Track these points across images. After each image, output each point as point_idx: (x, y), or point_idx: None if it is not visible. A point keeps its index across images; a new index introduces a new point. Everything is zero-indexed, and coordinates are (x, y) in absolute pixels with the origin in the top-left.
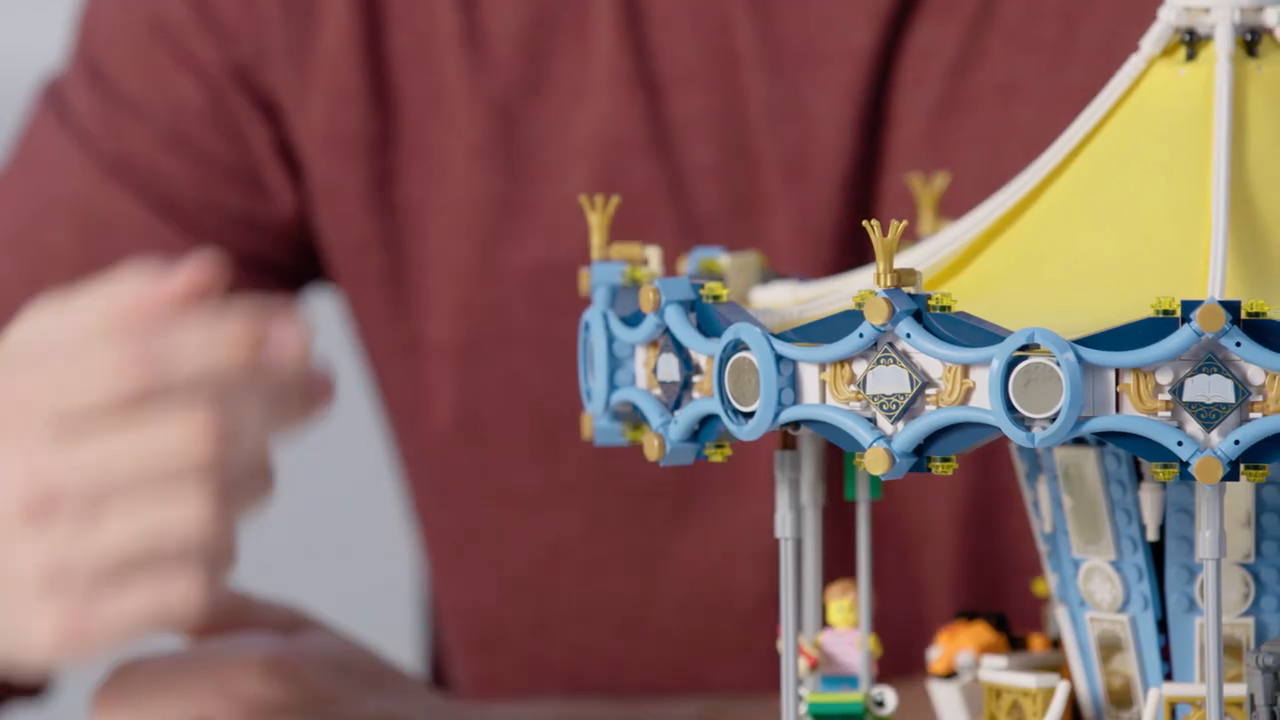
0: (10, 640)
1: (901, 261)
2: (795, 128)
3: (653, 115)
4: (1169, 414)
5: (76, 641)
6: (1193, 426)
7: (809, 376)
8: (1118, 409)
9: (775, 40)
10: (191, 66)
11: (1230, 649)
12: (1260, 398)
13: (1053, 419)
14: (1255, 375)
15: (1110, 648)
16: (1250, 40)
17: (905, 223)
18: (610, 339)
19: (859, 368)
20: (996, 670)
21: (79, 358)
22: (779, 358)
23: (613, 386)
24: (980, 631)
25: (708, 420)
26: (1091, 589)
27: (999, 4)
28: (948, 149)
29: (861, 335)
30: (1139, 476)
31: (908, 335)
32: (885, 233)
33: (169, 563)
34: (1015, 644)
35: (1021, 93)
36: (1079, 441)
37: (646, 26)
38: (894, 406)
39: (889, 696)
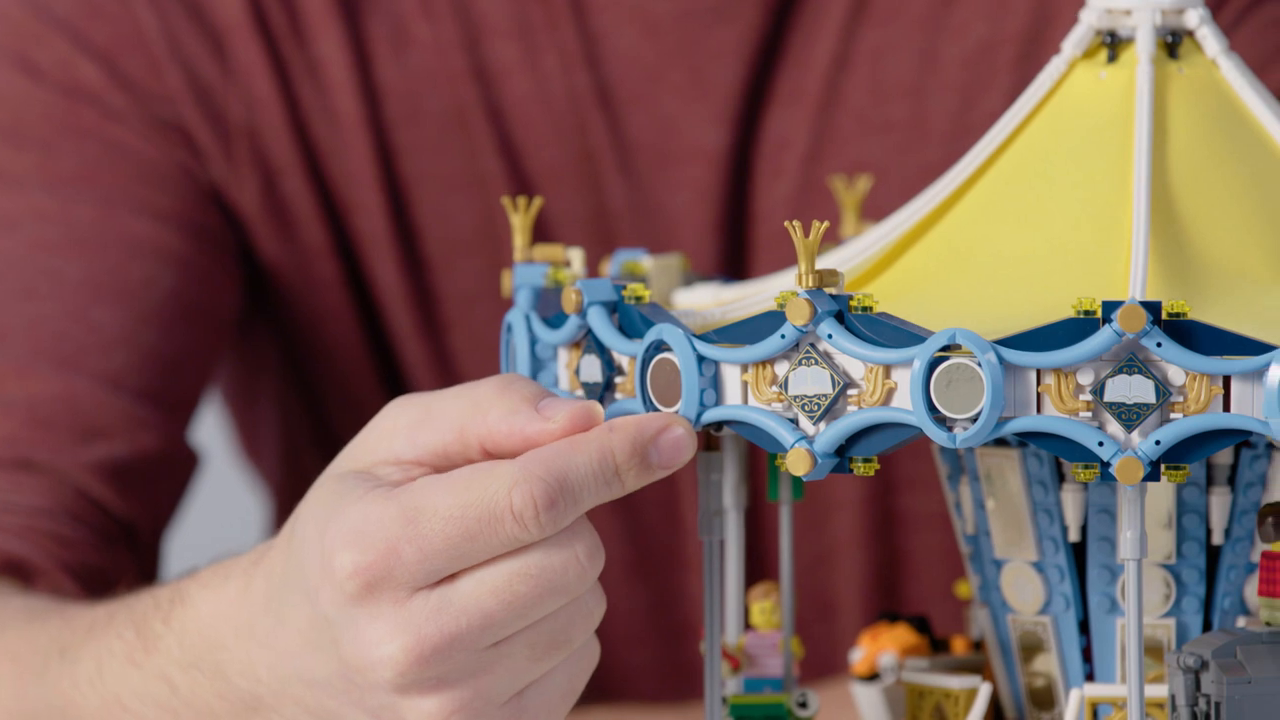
0: None
1: (824, 263)
2: (655, 228)
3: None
4: (1090, 414)
5: None
6: (1114, 427)
7: (731, 377)
8: (1039, 409)
9: (626, 142)
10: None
11: (1151, 650)
12: (1181, 398)
13: (974, 419)
14: (1176, 375)
15: (1032, 649)
16: (1171, 42)
17: (827, 224)
18: (533, 340)
19: (781, 368)
20: (919, 672)
21: (468, 495)
22: (701, 358)
23: None
24: (903, 633)
25: None
26: (1013, 590)
27: (845, 86)
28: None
29: (783, 336)
30: (1060, 477)
31: (829, 336)
32: (807, 233)
33: (575, 650)
34: (937, 645)
35: (875, 175)
36: (1000, 442)
37: (509, 127)
38: (816, 407)
39: (811, 698)
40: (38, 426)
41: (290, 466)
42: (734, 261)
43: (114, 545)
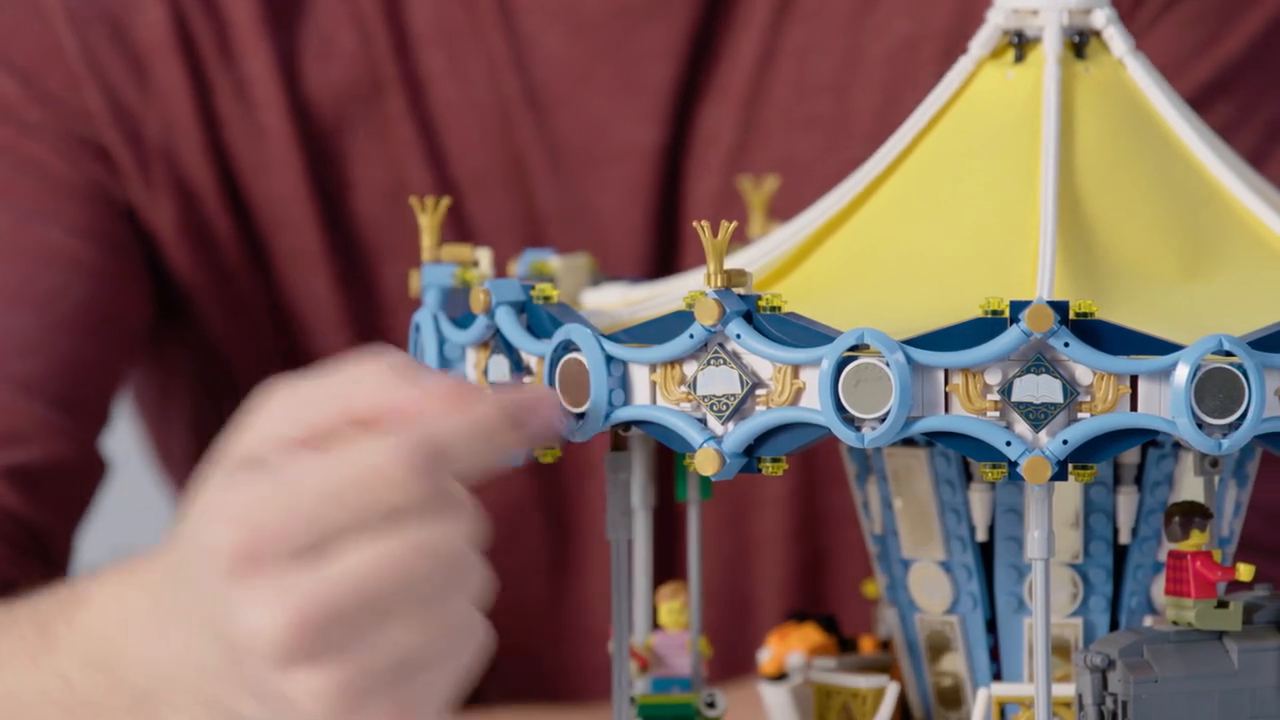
0: None
1: (733, 262)
2: (587, 228)
3: (455, 218)
4: (998, 414)
5: None
6: (1021, 426)
7: (639, 377)
8: (947, 409)
9: (555, 142)
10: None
11: (1059, 649)
12: (1088, 397)
13: (882, 419)
14: (1083, 375)
15: (939, 648)
16: (1078, 42)
17: (735, 224)
18: (441, 340)
19: (689, 368)
20: (826, 671)
21: (338, 460)
22: (609, 359)
23: None
24: (810, 633)
25: None
26: (921, 590)
27: (770, 82)
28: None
29: (692, 336)
30: (968, 477)
31: (738, 336)
32: (716, 233)
33: (462, 628)
34: (845, 645)
35: (800, 171)
36: (909, 442)
37: (439, 136)
38: (724, 407)
39: (719, 698)
40: None
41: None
42: (664, 258)
43: (26, 557)
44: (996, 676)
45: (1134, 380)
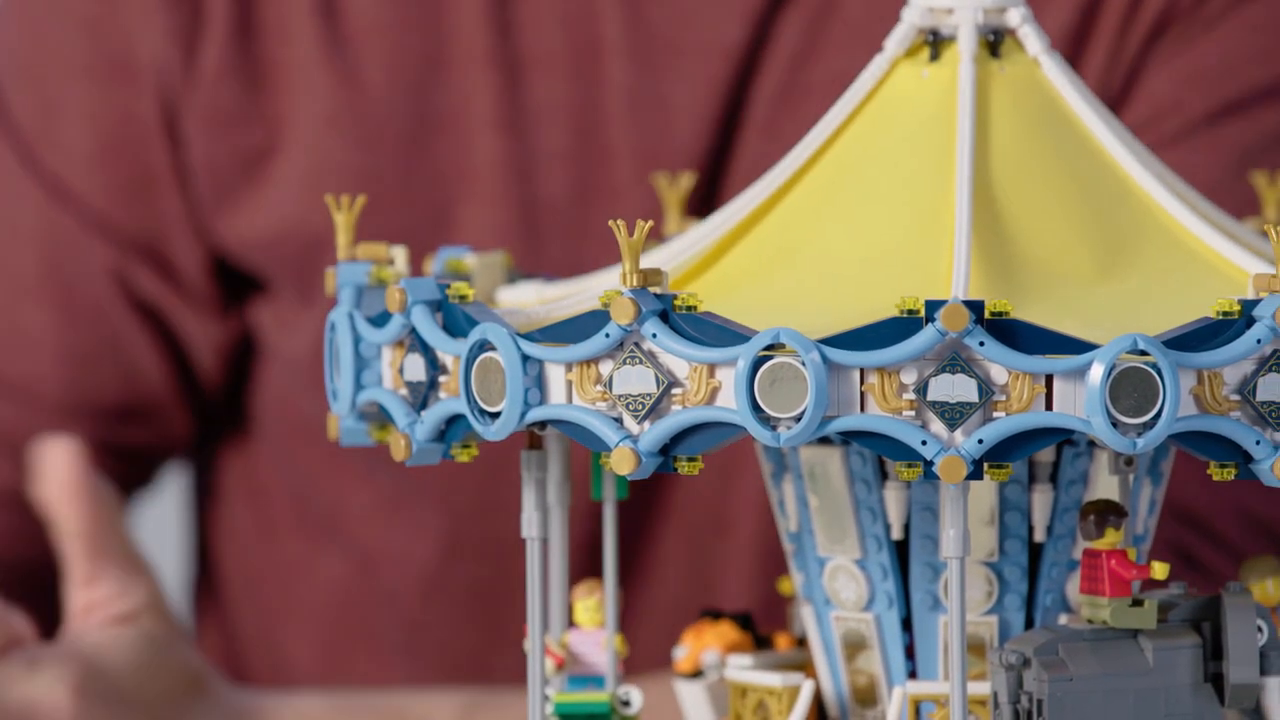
0: None
1: (649, 261)
2: (652, 119)
3: (508, 95)
4: (913, 413)
5: None
6: (936, 425)
7: (555, 376)
8: (862, 408)
9: (643, 31)
10: None
11: (974, 647)
12: (1003, 397)
13: (798, 418)
14: (999, 374)
15: (855, 646)
16: (993, 41)
17: (651, 223)
18: (356, 339)
19: (605, 367)
20: (742, 669)
21: None
22: (525, 358)
23: (359, 386)
24: (726, 630)
25: (454, 420)
26: (836, 588)
27: None
28: (783, 140)
29: (608, 335)
30: (884, 475)
31: (654, 335)
32: (631, 232)
33: None
34: (761, 643)
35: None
36: (824, 441)
37: (514, 8)
38: (640, 406)
39: (635, 696)
40: None
41: None
42: (715, 155)
43: None
44: (912, 674)
45: (1049, 379)
